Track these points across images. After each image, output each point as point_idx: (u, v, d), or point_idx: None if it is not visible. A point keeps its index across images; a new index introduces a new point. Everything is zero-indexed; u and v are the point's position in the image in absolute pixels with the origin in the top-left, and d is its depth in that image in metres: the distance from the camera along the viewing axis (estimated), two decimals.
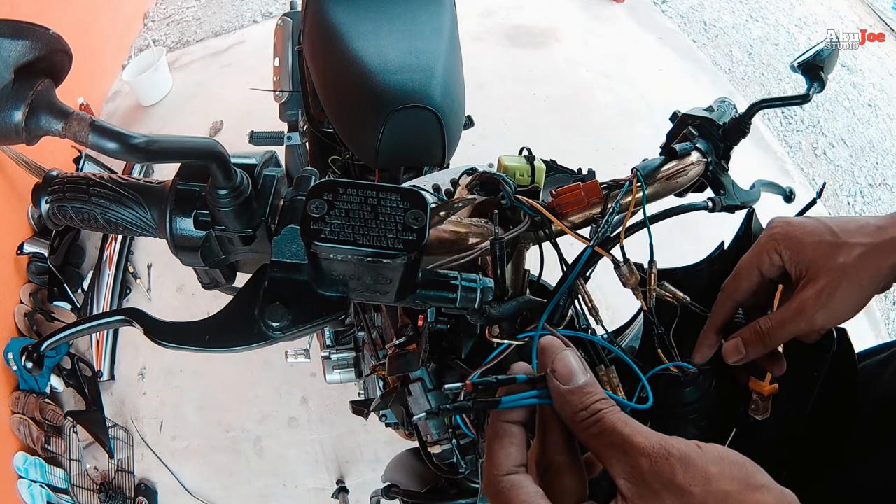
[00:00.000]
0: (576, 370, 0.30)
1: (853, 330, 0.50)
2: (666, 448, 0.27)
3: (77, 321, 0.45)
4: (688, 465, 0.26)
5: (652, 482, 0.26)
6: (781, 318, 0.44)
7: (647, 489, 0.26)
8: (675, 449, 0.27)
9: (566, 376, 0.29)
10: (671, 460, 0.26)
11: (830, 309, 0.41)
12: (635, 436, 0.27)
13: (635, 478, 0.26)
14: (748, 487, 0.26)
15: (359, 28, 1.08)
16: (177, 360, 1.97)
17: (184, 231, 0.45)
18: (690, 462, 0.26)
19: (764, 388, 0.49)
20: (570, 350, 0.31)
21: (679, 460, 0.26)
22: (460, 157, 1.06)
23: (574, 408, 0.29)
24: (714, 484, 0.26)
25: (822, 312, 0.42)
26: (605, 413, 0.28)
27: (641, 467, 0.26)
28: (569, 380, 0.29)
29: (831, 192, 2.45)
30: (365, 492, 1.71)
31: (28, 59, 0.30)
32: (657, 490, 0.26)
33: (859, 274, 0.41)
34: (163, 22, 3.10)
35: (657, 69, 2.75)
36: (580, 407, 0.29)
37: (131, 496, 1.78)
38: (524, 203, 0.55)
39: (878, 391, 0.52)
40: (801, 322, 0.42)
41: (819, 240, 0.43)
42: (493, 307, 0.50)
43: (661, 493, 0.26)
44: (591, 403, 0.28)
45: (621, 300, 0.67)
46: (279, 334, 0.44)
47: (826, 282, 0.42)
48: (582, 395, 0.29)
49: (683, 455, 0.26)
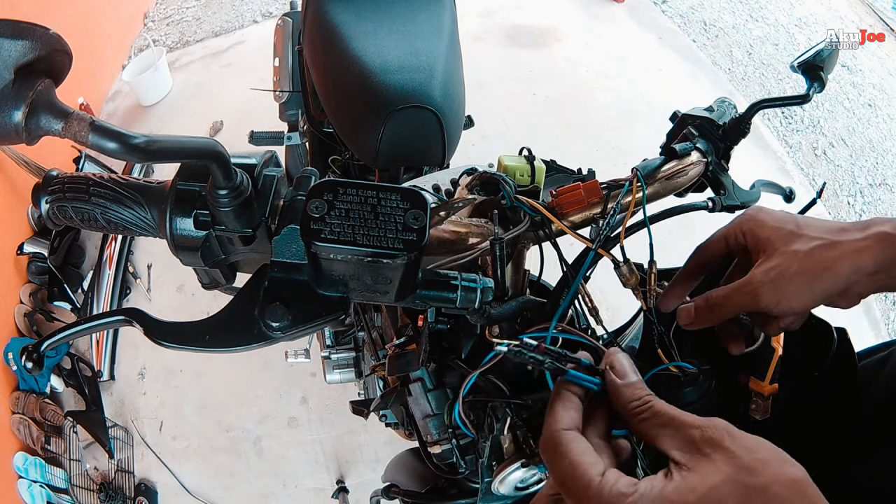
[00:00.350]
0: (629, 369, 0.36)
1: (853, 330, 0.50)
2: (712, 422, 0.31)
3: (77, 321, 0.45)
4: (733, 435, 0.31)
5: (703, 447, 0.30)
6: (729, 291, 0.45)
7: (699, 454, 0.30)
8: (720, 423, 0.31)
9: (621, 373, 0.35)
10: (719, 430, 0.31)
11: (777, 289, 0.42)
12: (683, 416, 0.32)
13: (688, 446, 0.31)
14: (784, 462, 0.30)
15: (359, 28, 1.08)
16: (177, 360, 1.97)
17: (184, 231, 0.45)
18: (735, 434, 0.31)
19: (764, 388, 0.49)
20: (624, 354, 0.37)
21: (725, 430, 0.31)
22: (460, 157, 1.06)
23: (628, 398, 0.34)
24: (756, 454, 0.30)
25: (768, 290, 0.42)
26: (654, 402, 0.34)
27: (693, 437, 0.31)
28: (623, 376, 0.35)
29: (831, 192, 2.45)
30: (365, 492, 1.71)
31: (28, 59, 0.30)
32: (708, 454, 0.30)
33: (811, 264, 0.41)
34: (163, 22, 3.10)
35: (657, 69, 2.75)
36: (633, 397, 0.34)
37: (131, 496, 1.78)
38: (524, 203, 0.55)
39: (878, 390, 0.52)
40: (746, 297, 0.43)
41: (781, 226, 0.44)
42: (493, 307, 0.51)
43: (712, 456, 0.30)
44: (642, 395, 0.34)
45: (621, 300, 0.67)
46: (279, 334, 0.44)
47: (777, 262, 0.43)
48: (634, 388, 0.35)
49: (727, 428, 0.31)
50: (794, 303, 0.42)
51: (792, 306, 0.42)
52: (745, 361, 0.52)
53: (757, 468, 0.29)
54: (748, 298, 0.43)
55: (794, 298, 0.42)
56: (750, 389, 0.51)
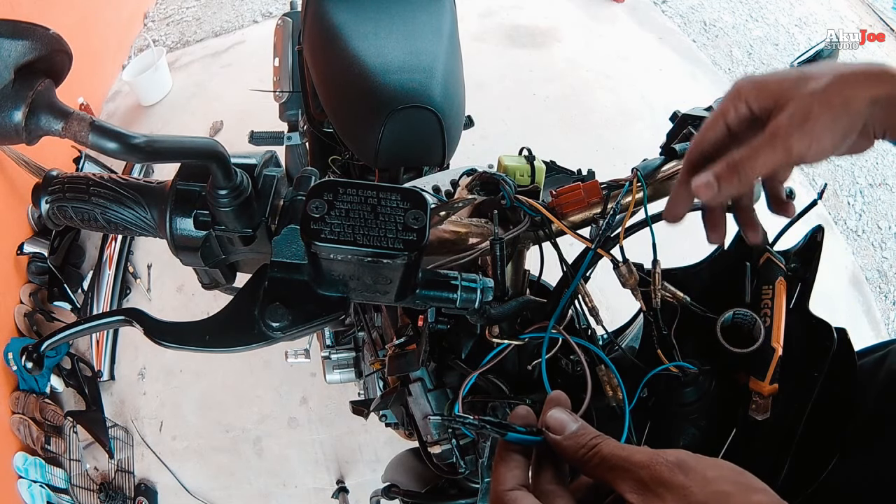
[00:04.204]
0: (566, 419, 0.34)
1: (853, 330, 0.50)
2: (662, 457, 0.29)
3: (77, 321, 0.45)
4: (686, 468, 0.29)
5: (655, 488, 0.28)
6: (755, 146, 0.41)
7: (651, 495, 0.28)
8: (670, 456, 0.29)
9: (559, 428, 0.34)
10: (668, 466, 0.29)
11: (807, 132, 0.40)
12: (632, 455, 0.30)
13: (640, 488, 0.29)
14: (748, 489, 0.28)
15: (359, 28, 1.08)
16: (177, 360, 1.97)
17: (184, 231, 0.45)
18: (688, 466, 0.29)
19: (764, 388, 0.49)
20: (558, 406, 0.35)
21: (676, 465, 0.29)
22: (460, 157, 1.06)
23: (573, 450, 0.33)
24: (713, 485, 0.28)
25: (798, 136, 0.40)
26: (601, 445, 0.32)
27: (643, 478, 0.29)
28: (562, 430, 0.34)
29: (831, 191, 2.45)
30: (365, 492, 1.71)
31: (28, 59, 0.30)
32: (661, 493, 0.28)
33: (830, 98, 0.40)
34: (163, 22, 3.10)
35: (657, 69, 2.75)
36: (578, 447, 0.33)
37: (131, 496, 1.78)
38: (524, 203, 0.55)
39: (875, 388, 0.52)
40: (777, 148, 0.40)
41: (786, 76, 0.42)
42: (493, 307, 0.51)
43: (664, 495, 0.28)
44: (587, 441, 0.33)
45: (621, 300, 0.67)
46: (279, 334, 0.44)
47: (797, 106, 0.40)
48: (577, 438, 0.33)
49: (679, 461, 0.29)
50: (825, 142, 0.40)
51: (823, 147, 0.40)
52: (745, 361, 0.52)
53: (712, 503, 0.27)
54: (780, 149, 0.40)
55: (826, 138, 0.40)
56: (750, 389, 0.51)
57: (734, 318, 0.53)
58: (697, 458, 0.29)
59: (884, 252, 2.31)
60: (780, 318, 0.51)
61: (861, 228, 2.36)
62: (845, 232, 2.34)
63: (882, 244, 2.33)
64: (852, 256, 2.27)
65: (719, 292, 0.56)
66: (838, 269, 2.21)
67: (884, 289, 2.21)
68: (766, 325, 0.51)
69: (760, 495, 0.27)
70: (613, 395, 0.52)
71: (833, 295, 2.11)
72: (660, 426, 0.55)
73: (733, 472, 0.29)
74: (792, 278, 0.54)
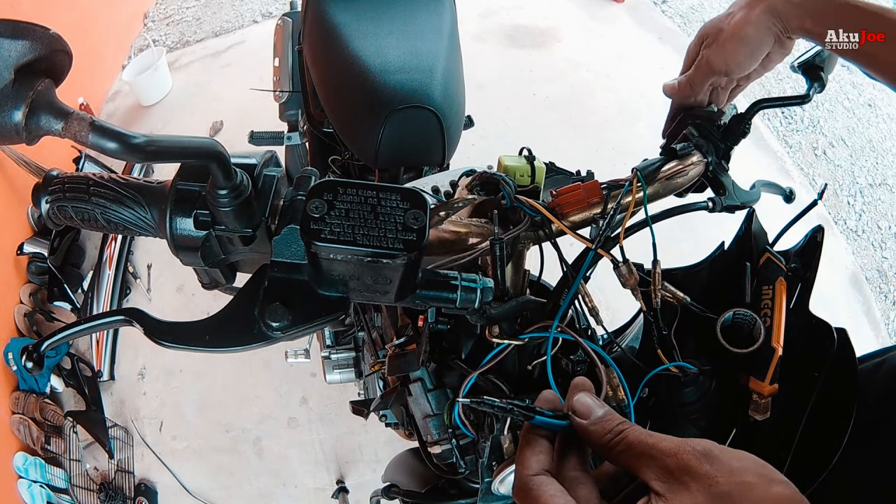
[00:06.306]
0: (593, 405, 0.35)
1: (853, 330, 0.50)
2: (689, 445, 0.30)
3: (77, 321, 0.45)
4: (711, 458, 0.29)
5: (680, 476, 0.29)
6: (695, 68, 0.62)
7: (676, 483, 0.29)
8: (698, 445, 0.30)
9: (585, 412, 0.34)
10: (695, 455, 0.29)
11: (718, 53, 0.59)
12: (659, 442, 0.31)
13: (665, 476, 0.30)
14: (769, 481, 0.28)
15: (359, 28, 1.08)
16: (177, 360, 1.97)
17: (184, 231, 0.45)
18: (714, 456, 0.29)
19: (764, 388, 0.49)
20: (585, 391, 0.36)
21: (702, 454, 0.29)
22: (460, 157, 1.06)
23: (599, 435, 0.33)
24: (737, 476, 0.28)
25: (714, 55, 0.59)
26: (627, 432, 0.32)
27: (669, 465, 0.30)
28: (588, 414, 0.34)
29: (831, 191, 2.45)
30: (365, 492, 1.71)
31: (28, 59, 0.30)
32: (686, 482, 0.29)
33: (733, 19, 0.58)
34: (163, 22, 3.10)
35: (657, 69, 2.75)
36: (604, 432, 0.33)
37: (131, 496, 1.78)
38: (524, 203, 0.55)
39: (875, 388, 0.52)
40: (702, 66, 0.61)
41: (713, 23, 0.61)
42: (493, 307, 0.50)
43: (689, 484, 0.29)
44: (613, 427, 0.33)
45: (621, 300, 0.67)
46: (279, 334, 0.44)
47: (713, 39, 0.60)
48: (603, 423, 0.33)
49: (706, 450, 0.30)
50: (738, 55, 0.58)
51: (738, 59, 0.58)
52: (745, 361, 0.52)
53: (735, 494, 0.28)
54: (705, 67, 0.61)
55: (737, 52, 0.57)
56: (750, 389, 0.51)
57: (734, 319, 0.53)
58: (723, 448, 0.30)
59: (884, 252, 2.31)
60: (780, 319, 0.51)
61: (861, 228, 2.36)
62: (845, 232, 2.34)
63: (882, 244, 2.33)
64: (852, 256, 2.27)
65: (719, 292, 0.56)
66: (838, 269, 2.21)
67: (884, 289, 2.21)
68: (766, 326, 0.51)
69: (782, 487, 0.28)
70: (614, 395, 0.52)
71: (833, 295, 2.11)
72: (660, 426, 0.55)
73: (756, 464, 0.29)
74: (792, 278, 0.54)
